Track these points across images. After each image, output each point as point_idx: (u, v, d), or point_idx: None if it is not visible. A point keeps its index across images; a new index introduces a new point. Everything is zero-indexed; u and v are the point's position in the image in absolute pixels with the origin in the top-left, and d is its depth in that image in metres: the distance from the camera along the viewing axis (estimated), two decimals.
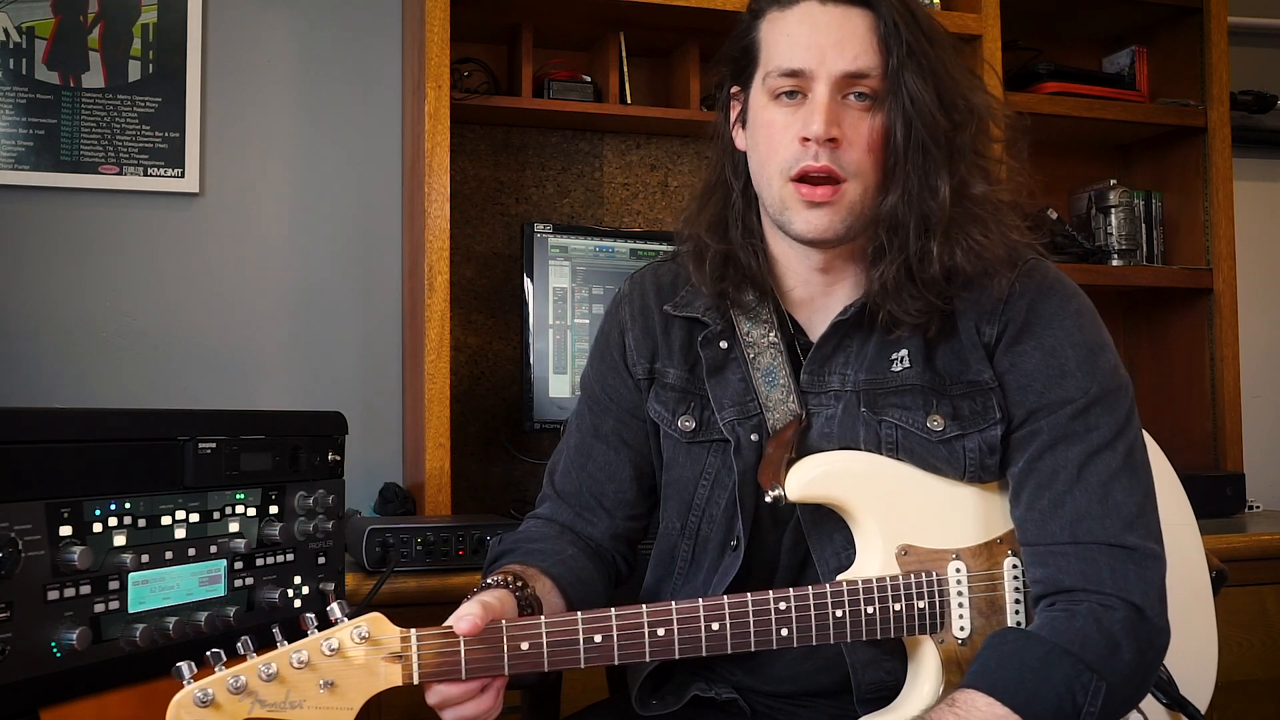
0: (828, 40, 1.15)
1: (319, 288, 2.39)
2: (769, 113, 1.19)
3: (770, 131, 1.19)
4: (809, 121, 1.15)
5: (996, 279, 1.18)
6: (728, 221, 1.28)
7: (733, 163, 1.29)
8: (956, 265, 1.15)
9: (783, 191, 1.18)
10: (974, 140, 1.18)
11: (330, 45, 2.42)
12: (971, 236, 1.15)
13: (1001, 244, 1.17)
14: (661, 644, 1.11)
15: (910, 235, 1.16)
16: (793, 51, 1.17)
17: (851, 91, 1.16)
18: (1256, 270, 2.99)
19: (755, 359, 1.27)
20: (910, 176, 1.15)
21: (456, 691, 1.05)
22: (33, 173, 2.21)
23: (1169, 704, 1.24)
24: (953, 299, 1.19)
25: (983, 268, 1.16)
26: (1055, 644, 1.08)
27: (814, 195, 1.16)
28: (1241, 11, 2.88)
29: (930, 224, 1.15)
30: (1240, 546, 2.11)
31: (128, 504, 1.14)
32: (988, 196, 1.17)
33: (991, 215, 1.17)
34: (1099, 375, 1.17)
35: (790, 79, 1.17)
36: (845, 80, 1.15)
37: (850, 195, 1.16)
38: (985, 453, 1.18)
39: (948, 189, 1.14)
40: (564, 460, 1.39)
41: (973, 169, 1.18)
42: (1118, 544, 1.12)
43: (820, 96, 1.15)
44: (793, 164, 1.16)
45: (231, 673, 0.98)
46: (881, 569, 1.17)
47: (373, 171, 2.43)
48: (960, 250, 1.15)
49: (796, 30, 1.17)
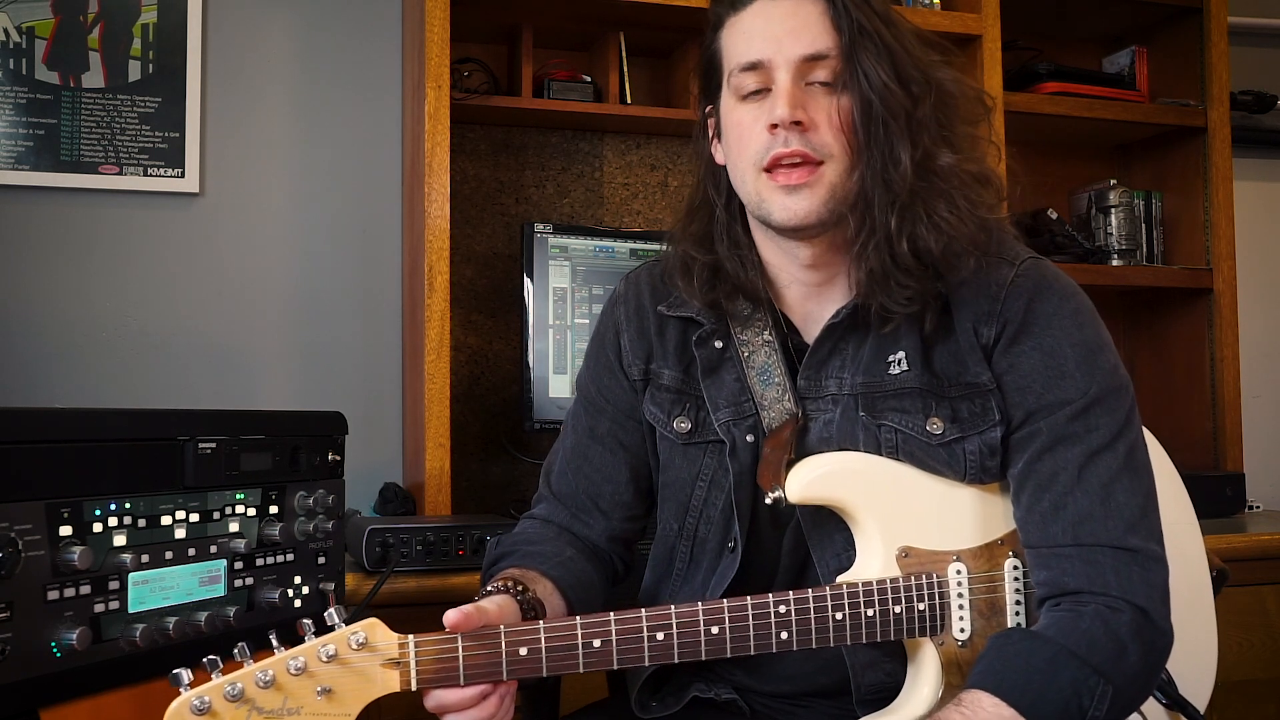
0: (783, 29, 1.17)
1: (319, 288, 2.39)
2: (737, 113, 1.21)
3: (740, 130, 1.20)
4: (774, 108, 1.16)
5: (987, 268, 1.18)
6: (713, 236, 1.29)
7: (714, 180, 1.30)
8: (924, 244, 1.15)
9: (757, 183, 1.19)
10: (935, 112, 1.18)
11: (330, 45, 2.42)
12: (937, 213, 1.15)
13: (971, 221, 1.16)
14: (661, 648, 1.10)
15: (878, 211, 1.15)
16: (750, 45, 1.19)
17: (813, 78, 1.17)
18: (1256, 270, 2.99)
19: (750, 358, 1.27)
20: (874, 152, 1.15)
21: (454, 697, 1.04)
22: (33, 173, 2.21)
23: (1169, 704, 1.24)
24: (939, 285, 1.18)
25: (953, 247, 1.15)
26: (1063, 645, 1.08)
27: (790, 178, 1.16)
28: (1241, 11, 2.88)
29: (895, 196, 1.15)
30: (1240, 546, 2.11)
31: (128, 504, 1.13)
32: (954, 169, 1.17)
33: (959, 191, 1.16)
34: (1098, 375, 1.16)
35: (752, 73, 1.18)
36: (804, 65, 1.16)
37: (829, 176, 1.16)
38: (985, 455, 1.18)
39: (909, 160, 1.14)
40: (560, 461, 1.39)
41: (937, 140, 1.17)
42: (1121, 546, 1.11)
43: (783, 83, 1.16)
44: (764, 153, 1.17)
45: (228, 679, 0.98)
46: (882, 571, 1.17)
47: (373, 171, 2.43)
48: (923, 226, 1.14)
49: (752, 26, 1.20)
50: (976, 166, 1.20)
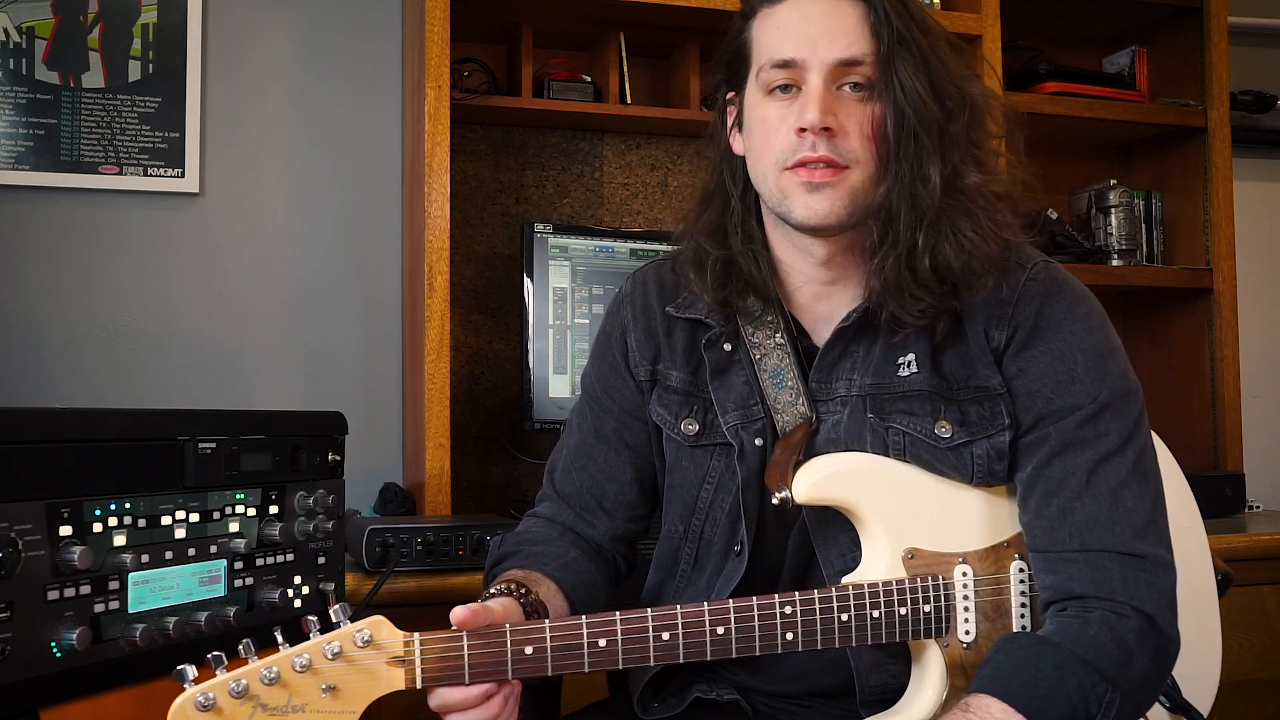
0: (819, 29, 1.15)
1: (319, 287, 2.39)
2: (764, 109, 1.18)
3: (766, 127, 1.18)
4: (804, 111, 1.13)
5: (1002, 280, 1.17)
6: (727, 228, 1.27)
7: (731, 169, 1.28)
8: (945, 260, 1.13)
9: (779, 181, 1.17)
10: (968, 130, 1.17)
11: (330, 45, 2.42)
12: (961, 231, 1.13)
13: (994, 241, 1.15)
14: (666, 648, 1.10)
15: (902, 225, 1.14)
16: (784, 42, 1.16)
17: (846, 81, 1.15)
18: (1256, 270, 2.99)
19: (761, 360, 1.26)
20: (902, 165, 1.13)
21: (458, 696, 1.04)
22: (33, 173, 2.21)
23: (1172, 708, 1.23)
24: (955, 302, 1.17)
25: (973, 266, 1.14)
26: (1071, 651, 1.07)
27: (814, 176, 1.13)
28: (1241, 11, 2.88)
29: (922, 213, 1.13)
30: (1241, 546, 2.11)
31: (128, 504, 1.13)
32: (981, 188, 1.15)
33: (983, 210, 1.15)
34: (1108, 381, 1.15)
35: (783, 70, 1.16)
36: (838, 69, 1.14)
37: (853, 180, 1.14)
38: (993, 459, 1.17)
39: (939, 177, 1.13)
40: (564, 460, 1.38)
41: (966, 158, 1.16)
42: (1128, 552, 1.11)
43: (814, 86, 1.14)
44: (789, 155, 1.15)
45: (233, 676, 0.97)
46: (887, 572, 1.17)
47: (373, 171, 2.42)
48: (948, 244, 1.13)
49: (788, 22, 1.17)
50: (1001, 186, 1.18)
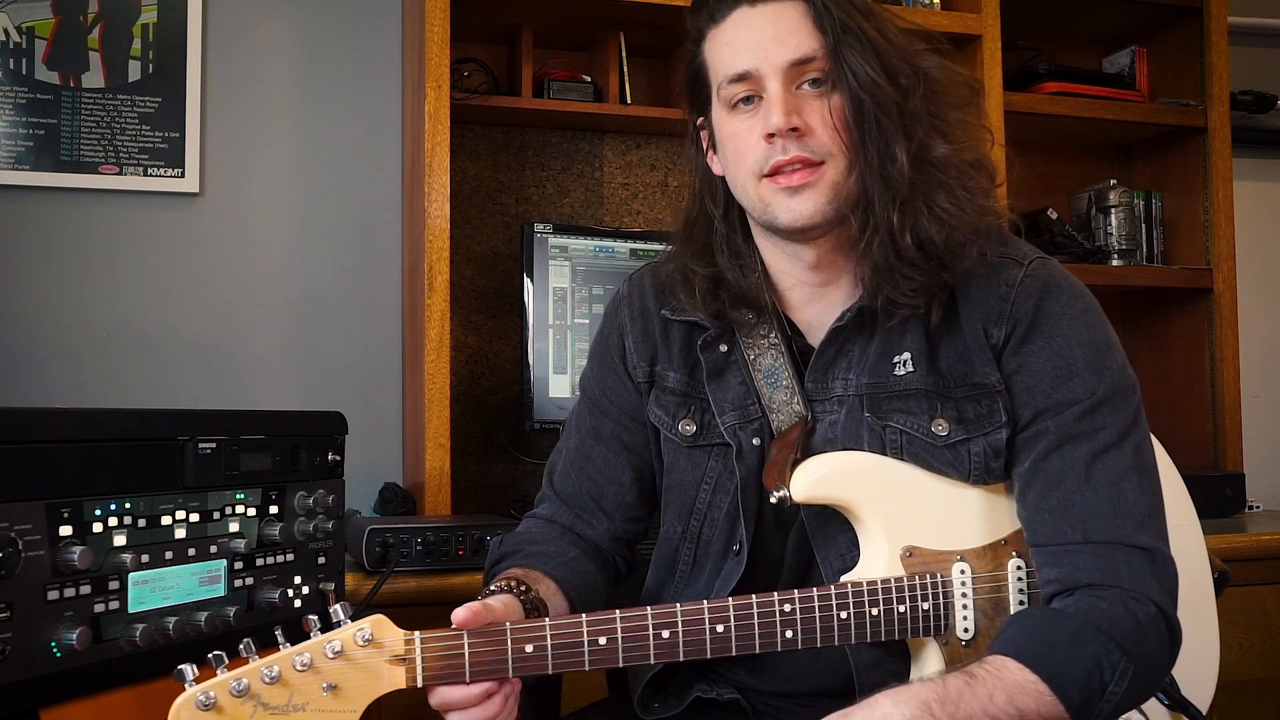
0: (766, 36, 1.17)
1: (319, 287, 2.39)
2: (731, 124, 1.20)
3: (736, 140, 1.20)
4: (768, 117, 1.16)
5: (1000, 275, 1.18)
6: (713, 249, 1.28)
7: (711, 192, 1.30)
8: (927, 234, 1.15)
9: (759, 190, 1.19)
10: (926, 103, 1.18)
11: (330, 45, 2.42)
12: (937, 204, 1.15)
13: (972, 210, 1.16)
14: (666, 646, 1.10)
15: (878, 207, 1.15)
16: (736, 56, 1.18)
17: (803, 80, 1.17)
18: (1256, 270, 2.99)
19: (756, 360, 1.26)
20: (869, 149, 1.15)
21: (459, 695, 1.04)
22: (33, 173, 2.21)
23: (1170, 705, 1.23)
24: (945, 274, 1.17)
25: (955, 236, 1.15)
26: (1088, 620, 1.07)
27: (791, 180, 1.16)
28: (1241, 11, 2.88)
29: (895, 192, 1.15)
30: (1240, 546, 2.10)
31: (128, 504, 1.13)
32: (950, 159, 1.17)
33: (957, 180, 1.16)
34: (1106, 375, 1.16)
35: (741, 83, 1.18)
36: (793, 70, 1.16)
37: (830, 175, 1.16)
38: (990, 456, 1.18)
39: (905, 155, 1.14)
40: (563, 461, 1.38)
41: (930, 132, 1.17)
42: (1132, 544, 1.11)
43: (774, 91, 1.16)
44: (763, 163, 1.17)
45: (234, 675, 0.97)
46: (886, 570, 1.17)
47: (373, 171, 2.42)
48: (925, 219, 1.14)
49: (735, 36, 1.19)
50: (971, 154, 1.20)
